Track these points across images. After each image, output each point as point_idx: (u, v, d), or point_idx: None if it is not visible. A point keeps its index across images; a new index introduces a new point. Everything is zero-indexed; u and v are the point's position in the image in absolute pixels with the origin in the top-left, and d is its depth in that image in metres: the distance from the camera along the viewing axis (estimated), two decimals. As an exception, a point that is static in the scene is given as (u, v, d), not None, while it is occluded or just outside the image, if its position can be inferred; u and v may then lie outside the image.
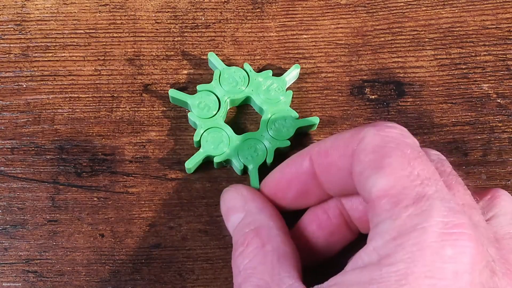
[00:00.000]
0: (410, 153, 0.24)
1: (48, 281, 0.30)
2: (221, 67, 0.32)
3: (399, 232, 0.22)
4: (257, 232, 0.26)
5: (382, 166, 0.23)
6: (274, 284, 0.24)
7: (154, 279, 0.30)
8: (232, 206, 0.29)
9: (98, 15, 0.34)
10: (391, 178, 0.23)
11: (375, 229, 0.23)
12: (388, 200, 0.22)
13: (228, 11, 0.34)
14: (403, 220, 0.22)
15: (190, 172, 0.31)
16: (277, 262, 0.25)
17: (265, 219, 0.27)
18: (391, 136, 0.24)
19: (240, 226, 0.27)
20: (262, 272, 0.25)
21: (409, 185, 0.23)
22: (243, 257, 0.26)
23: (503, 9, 0.35)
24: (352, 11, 0.35)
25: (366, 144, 0.24)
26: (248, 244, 0.26)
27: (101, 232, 0.31)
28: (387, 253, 0.22)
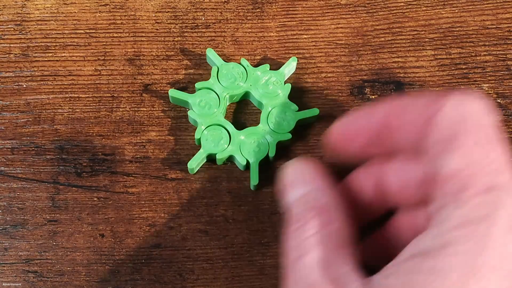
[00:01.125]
0: (487, 135, 0.23)
1: (48, 281, 0.30)
2: (219, 63, 0.32)
3: (465, 221, 0.21)
4: (319, 211, 0.25)
5: (456, 145, 0.22)
6: (332, 266, 0.23)
7: (154, 279, 0.30)
8: (294, 180, 0.27)
9: (98, 15, 0.34)
10: (463, 161, 0.22)
11: (438, 213, 0.22)
12: (457, 183, 0.22)
13: (228, 11, 0.34)
14: (470, 209, 0.21)
15: (193, 173, 0.31)
16: (335, 247, 0.24)
17: (328, 199, 0.26)
18: (471, 112, 0.23)
19: (301, 201, 0.26)
20: (319, 252, 0.24)
21: (480, 171, 0.22)
22: (300, 233, 0.25)
23: (503, 9, 0.35)
24: (352, 11, 0.35)
25: (444, 116, 0.23)
26: (308, 221, 0.25)
27: (101, 232, 0.31)
28: (451, 241, 0.21)
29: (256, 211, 0.31)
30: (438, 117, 0.24)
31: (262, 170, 0.31)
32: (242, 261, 0.31)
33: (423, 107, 0.24)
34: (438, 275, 0.21)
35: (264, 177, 0.31)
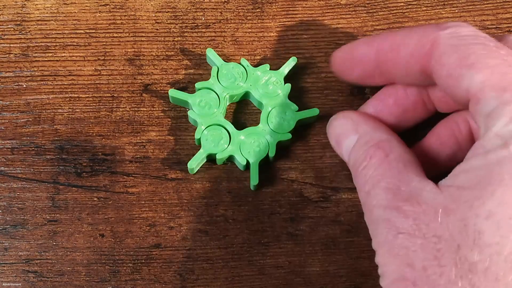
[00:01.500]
0: (493, 45, 0.24)
1: (48, 281, 0.30)
2: (219, 63, 0.32)
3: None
4: (378, 145, 0.27)
5: (472, 62, 0.24)
6: (403, 184, 0.24)
7: (154, 279, 0.30)
8: (344, 131, 0.29)
9: (98, 15, 0.34)
10: (486, 70, 0.23)
11: (488, 118, 0.23)
12: (493, 89, 0.23)
13: (228, 11, 0.34)
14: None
15: (193, 173, 0.31)
16: (403, 167, 0.25)
17: (382, 135, 0.27)
18: (467, 34, 0.25)
19: (358, 145, 0.27)
20: (390, 177, 0.25)
21: (508, 71, 0.23)
22: (368, 168, 0.26)
23: (503, 9, 0.35)
24: (352, 11, 0.35)
25: (444, 46, 0.25)
26: (372, 157, 0.26)
27: (101, 232, 0.31)
28: (511, 134, 0.22)
29: (256, 211, 0.31)
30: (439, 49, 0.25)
31: (262, 170, 0.31)
32: (242, 261, 0.31)
33: (416, 43, 0.26)
34: (508, 164, 0.22)
35: (264, 177, 0.31)
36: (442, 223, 0.22)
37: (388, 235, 0.24)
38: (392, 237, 0.23)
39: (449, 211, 0.22)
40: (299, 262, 0.31)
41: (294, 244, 0.31)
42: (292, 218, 0.31)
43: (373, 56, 0.28)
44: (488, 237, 0.21)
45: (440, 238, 0.22)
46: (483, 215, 0.22)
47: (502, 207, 0.21)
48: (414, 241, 0.23)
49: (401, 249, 0.23)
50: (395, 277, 0.23)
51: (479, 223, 0.22)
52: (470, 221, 0.22)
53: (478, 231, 0.22)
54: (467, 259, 0.22)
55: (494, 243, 0.21)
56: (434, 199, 0.23)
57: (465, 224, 0.22)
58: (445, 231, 0.22)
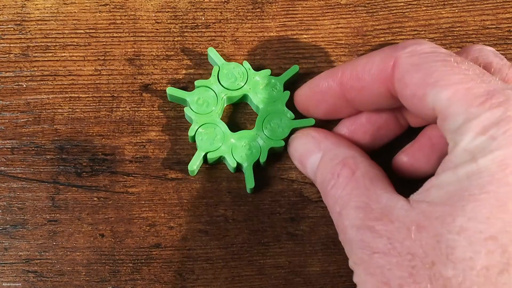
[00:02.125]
0: (454, 60, 0.24)
1: (48, 281, 0.30)
2: (221, 62, 0.32)
3: (485, 127, 0.22)
4: (344, 163, 0.27)
5: (435, 80, 0.24)
6: (373, 202, 0.25)
7: (154, 279, 0.30)
8: (306, 149, 0.29)
9: (98, 15, 0.34)
10: (450, 87, 0.23)
11: (456, 134, 0.23)
12: (459, 105, 0.23)
13: (228, 11, 0.34)
14: (485, 116, 0.22)
15: (193, 174, 0.31)
16: (370, 184, 0.25)
17: (346, 151, 0.28)
18: (426, 52, 0.25)
19: (323, 163, 0.28)
20: (359, 195, 0.25)
21: (472, 86, 0.23)
22: (337, 188, 0.26)
23: (503, 9, 0.35)
24: (352, 11, 0.35)
25: (405, 66, 0.25)
26: (339, 175, 0.26)
27: (101, 232, 0.31)
28: (479, 148, 0.22)
29: (256, 211, 0.31)
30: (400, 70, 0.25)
31: (260, 171, 0.31)
32: (242, 261, 0.31)
33: (377, 68, 0.26)
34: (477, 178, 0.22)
35: (264, 177, 0.31)
36: (415, 240, 0.22)
37: (363, 255, 0.24)
38: (367, 257, 0.24)
39: (421, 228, 0.23)
40: (299, 262, 0.31)
41: (294, 244, 0.31)
42: (292, 218, 0.31)
43: (337, 88, 0.28)
44: (460, 252, 0.21)
45: (414, 255, 0.22)
46: (455, 231, 0.22)
47: (473, 222, 0.22)
48: (389, 260, 0.23)
49: (377, 268, 0.23)
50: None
51: (451, 239, 0.22)
52: (442, 237, 0.22)
53: (450, 246, 0.22)
54: (442, 275, 0.22)
55: (466, 258, 0.21)
56: (406, 216, 0.23)
57: (438, 240, 0.22)
58: (418, 248, 0.22)
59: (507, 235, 0.21)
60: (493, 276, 0.21)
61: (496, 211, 0.21)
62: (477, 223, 0.21)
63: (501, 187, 0.21)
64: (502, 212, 0.21)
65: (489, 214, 0.21)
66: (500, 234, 0.21)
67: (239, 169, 0.31)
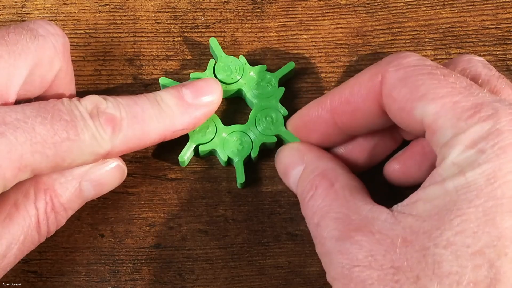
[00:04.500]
0: (440, 73, 0.24)
1: (48, 281, 0.30)
2: (220, 54, 0.32)
3: (474, 141, 0.22)
4: (323, 175, 0.27)
5: (422, 94, 0.23)
6: (353, 213, 0.24)
7: (154, 279, 0.30)
8: (290, 161, 0.29)
9: (98, 15, 0.34)
10: (438, 101, 0.23)
11: (444, 147, 0.23)
12: (447, 119, 0.23)
13: (228, 11, 0.34)
14: (474, 129, 0.22)
15: (184, 165, 0.31)
16: (350, 195, 0.25)
17: (327, 163, 0.28)
18: (412, 65, 0.25)
19: (304, 175, 0.27)
20: (338, 206, 0.25)
21: (459, 99, 0.23)
22: (315, 199, 0.26)
23: (503, 9, 0.35)
24: (352, 11, 0.35)
25: (392, 81, 0.25)
26: (317, 187, 0.26)
27: (101, 232, 0.31)
28: (468, 161, 0.22)
29: (256, 211, 0.31)
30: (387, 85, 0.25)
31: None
32: (242, 261, 0.31)
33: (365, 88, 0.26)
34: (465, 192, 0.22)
35: (264, 177, 0.31)
36: (400, 253, 0.22)
37: (343, 269, 0.23)
38: (347, 271, 0.23)
39: (407, 242, 0.22)
40: (299, 262, 0.31)
41: (294, 244, 0.31)
42: (292, 218, 0.31)
43: (327, 116, 0.28)
44: (447, 266, 0.21)
45: (398, 269, 0.22)
46: (442, 245, 0.21)
47: (460, 236, 0.21)
48: (370, 274, 0.22)
49: (358, 284, 0.22)
50: None
51: (438, 253, 0.21)
52: (429, 251, 0.22)
53: (437, 261, 0.21)
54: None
55: (453, 272, 0.21)
56: (391, 229, 0.23)
57: (424, 254, 0.22)
58: (403, 262, 0.22)
59: (494, 250, 0.21)
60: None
61: (483, 226, 0.21)
62: (465, 237, 0.21)
63: (489, 201, 0.21)
64: (489, 226, 0.21)
65: (477, 228, 0.21)
66: (487, 248, 0.21)
67: (230, 163, 0.31)
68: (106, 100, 0.26)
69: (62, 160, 0.24)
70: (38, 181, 0.27)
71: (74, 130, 0.24)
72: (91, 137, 0.25)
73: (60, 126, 0.24)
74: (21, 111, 0.24)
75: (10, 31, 0.25)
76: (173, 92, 0.28)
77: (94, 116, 0.25)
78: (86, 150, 0.25)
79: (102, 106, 0.26)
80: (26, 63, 0.25)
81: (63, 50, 0.27)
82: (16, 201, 0.26)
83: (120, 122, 0.26)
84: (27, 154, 0.23)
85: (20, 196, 0.26)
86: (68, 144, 0.24)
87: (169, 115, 0.27)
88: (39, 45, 0.26)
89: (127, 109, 0.26)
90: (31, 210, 0.26)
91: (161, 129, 0.27)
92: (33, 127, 0.24)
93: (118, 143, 0.26)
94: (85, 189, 0.28)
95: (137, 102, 0.27)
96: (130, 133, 0.26)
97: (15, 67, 0.25)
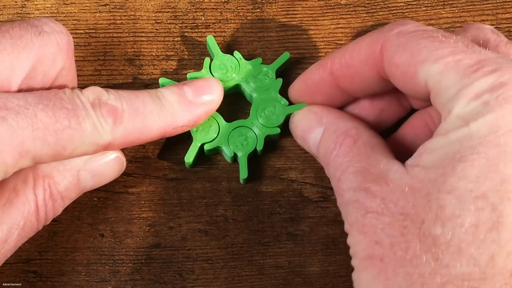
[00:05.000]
0: (440, 35, 0.24)
1: (48, 281, 0.30)
2: (217, 52, 0.32)
3: (478, 93, 0.22)
4: (346, 133, 0.27)
5: (424, 56, 0.24)
6: (372, 166, 0.25)
7: (154, 279, 0.30)
8: (309, 125, 0.29)
9: (98, 15, 0.34)
10: (441, 61, 0.23)
11: (449, 103, 0.23)
12: (451, 76, 0.23)
13: (228, 11, 0.34)
14: (478, 83, 0.22)
15: (190, 167, 0.31)
16: (371, 151, 0.26)
17: (349, 122, 0.28)
18: (412, 30, 0.25)
19: (326, 136, 0.28)
20: (359, 161, 0.26)
21: (462, 57, 0.23)
22: (338, 156, 0.26)
23: (503, 9, 0.35)
24: (352, 11, 0.35)
25: (393, 48, 0.25)
26: (341, 145, 0.27)
27: (101, 232, 0.31)
28: (472, 113, 0.22)
29: (256, 211, 0.31)
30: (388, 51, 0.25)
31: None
32: (242, 261, 0.31)
33: (366, 53, 0.26)
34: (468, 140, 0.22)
35: (264, 176, 0.31)
36: (408, 201, 0.23)
37: (357, 215, 0.24)
38: (361, 217, 0.24)
39: (414, 190, 0.23)
40: (299, 262, 0.31)
41: (294, 244, 0.31)
42: (292, 218, 0.31)
43: (328, 78, 0.28)
44: (449, 210, 0.22)
45: (406, 215, 0.23)
46: (445, 190, 0.22)
47: (463, 181, 0.22)
48: (382, 220, 0.23)
49: (370, 228, 0.24)
50: (364, 255, 0.24)
51: (441, 197, 0.22)
52: (433, 196, 0.22)
53: (440, 205, 0.22)
54: (431, 233, 0.22)
55: (455, 215, 0.22)
56: (401, 179, 0.24)
57: (429, 199, 0.22)
58: (410, 208, 0.23)
59: (497, 194, 0.21)
60: (482, 233, 0.21)
61: (486, 171, 0.21)
62: (467, 182, 0.22)
63: (492, 148, 0.22)
64: (492, 172, 0.21)
65: (480, 173, 0.21)
66: (490, 192, 0.21)
67: (236, 159, 0.31)
68: (108, 92, 0.26)
69: (63, 149, 0.24)
70: (37, 168, 0.27)
71: (75, 118, 0.24)
72: (92, 126, 0.25)
73: (62, 114, 0.24)
74: (23, 98, 0.24)
75: (15, 26, 0.25)
76: (175, 90, 0.28)
77: (96, 106, 0.25)
78: (87, 140, 0.25)
79: (104, 97, 0.26)
80: (29, 57, 0.25)
81: (66, 48, 0.27)
82: (15, 186, 0.26)
83: (122, 114, 0.26)
84: (28, 140, 0.23)
85: (19, 181, 0.26)
86: (69, 133, 0.24)
87: (170, 111, 0.27)
88: (43, 41, 0.26)
89: (128, 102, 0.26)
90: (30, 196, 0.26)
91: (162, 125, 0.27)
92: (34, 113, 0.24)
93: (119, 135, 0.26)
94: (83, 179, 0.28)
95: (138, 96, 0.27)
96: (131, 126, 0.26)
97: (18, 59, 0.25)
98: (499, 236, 0.21)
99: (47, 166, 0.27)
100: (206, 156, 0.32)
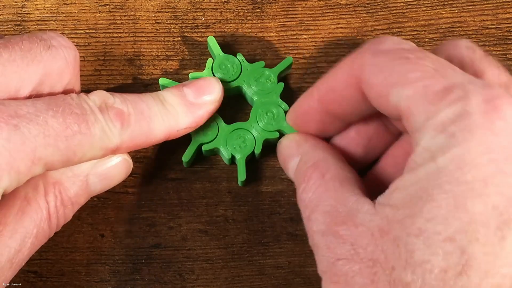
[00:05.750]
0: (414, 56, 0.24)
1: (48, 281, 0.30)
2: (218, 53, 0.32)
3: (444, 125, 0.22)
4: (315, 166, 0.27)
5: (396, 80, 0.23)
6: (340, 205, 0.24)
7: (154, 279, 0.30)
8: (288, 153, 0.29)
9: (98, 15, 0.34)
10: (410, 85, 0.23)
11: (418, 133, 0.23)
12: (419, 103, 0.22)
13: (228, 11, 0.34)
14: (444, 113, 0.22)
15: (188, 166, 0.31)
16: (339, 186, 0.25)
17: (320, 153, 0.28)
18: (388, 50, 0.25)
19: (299, 167, 0.28)
20: (327, 198, 0.25)
21: (431, 83, 0.23)
22: (307, 192, 0.26)
23: (503, 9, 0.35)
24: (352, 11, 0.35)
25: (369, 68, 0.25)
26: (309, 179, 0.26)
27: (101, 232, 0.31)
28: (438, 146, 0.22)
29: (256, 211, 0.31)
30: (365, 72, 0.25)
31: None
32: (242, 261, 0.31)
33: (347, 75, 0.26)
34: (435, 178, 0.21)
35: (263, 177, 0.31)
36: (377, 245, 0.22)
37: (328, 263, 0.23)
38: (332, 265, 0.23)
39: (383, 233, 0.22)
40: (299, 262, 0.31)
41: (294, 244, 0.31)
42: (292, 218, 0.31)
43: (317, 105, 0.28)
44: (419, 255, 0.21)
45: (376, 261, 0.22)
46: (414, 233, 0.21)
47: (431, 223, 0.21)
48: (351, 267, 0.22)
49: (341, 276, 0.23)
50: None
51: (410, 242, 0.21)
52: (401, 240, 0.21)
53: (409, 250, 0.21)
54: (401, 280, 0.21)
55: (425, 261, 0.21)
56: (371, 221, 0.23)
57: (398, 244, 0.21)
58: (380, 253, 0.22)
59: (465, 235, 0.20)
60: (452, 279, 0.20)
61: (454, 211, 0.21)
62: (435, 224, 0.21)
63: (459, 186, 0.21)
64: (460, 212, 0.21)
65: (447, 214, 0.21)
66: (458, 234, 0.21)
67: (234, 161, 0.31)
68: (113, 95, 0.26)
69: (74, 154, 0.24)
70: (47, 175, 0.27)
71: (85, 123, 0.25)
72: (101, 130, 0.25)
73: (72, 120, 0.24)
74: (32, 105, 0.24)
75: (24, 38, 0.26)
76: (175, 92, 0.28)
77: (103, 110, 0.25)
78: (97, 144, 0.25)
79: (110, 101, 0.26)
80: (38, 71, 0.25)
81: (73, 64, 0.27)
82: (26, 194, 0.26)
83: (128, 117, 0.26)
84: (40, 147, 0.23)
85: (30, 190, 0.26)
86: (79, 138, 0.24)
87: (173, 114, 0.27)
88: (51, 55, 0.26)
89: (134, 105, 0.26)
90: (42, 203, 0.26)
91: (166, 127, 0.27)
92: (45, 120, 0.24)
93: (127, 138, 0.26)
94: (91, 183, 0.28)
95: (143, 99, 0.27)
96: (138, 129, 0.26)
97: (27, 72, 0.25)
98: (468, 280, 0.20)
99: (56, 172, 0.27)
100: (206, 156, 0.32)
